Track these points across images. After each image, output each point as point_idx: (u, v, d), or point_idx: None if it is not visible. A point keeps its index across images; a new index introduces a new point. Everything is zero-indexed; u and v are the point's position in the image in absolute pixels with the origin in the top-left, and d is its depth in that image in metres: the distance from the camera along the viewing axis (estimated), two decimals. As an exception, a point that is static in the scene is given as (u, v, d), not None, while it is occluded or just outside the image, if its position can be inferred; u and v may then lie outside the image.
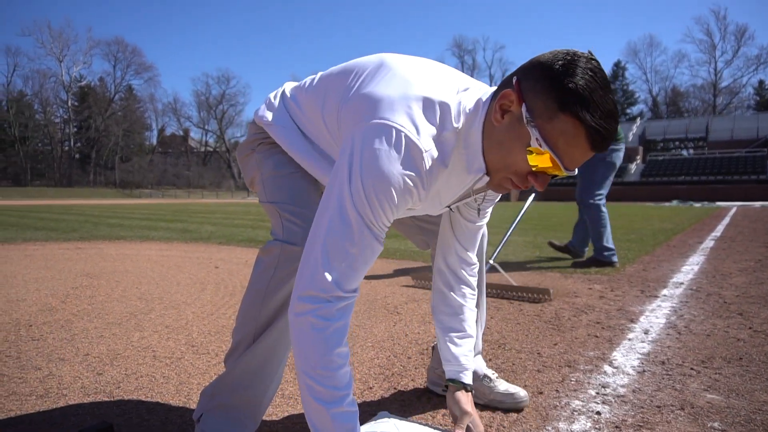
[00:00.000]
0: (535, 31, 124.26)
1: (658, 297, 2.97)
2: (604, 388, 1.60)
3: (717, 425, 1.33)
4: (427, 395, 1.57)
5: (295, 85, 1.23)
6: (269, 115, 1.19)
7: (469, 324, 1.29)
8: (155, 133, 75.52)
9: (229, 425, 1.15)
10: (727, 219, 10.95)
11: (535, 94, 0.87)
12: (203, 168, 72.52)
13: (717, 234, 7.21)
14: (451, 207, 1.19)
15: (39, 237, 6.69)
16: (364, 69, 1.05)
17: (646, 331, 2.25)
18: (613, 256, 4.15)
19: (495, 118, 0.92)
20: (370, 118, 0.93)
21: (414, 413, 1.43)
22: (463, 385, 1.25)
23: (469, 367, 1.27)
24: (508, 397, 1.45)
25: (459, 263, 1.29)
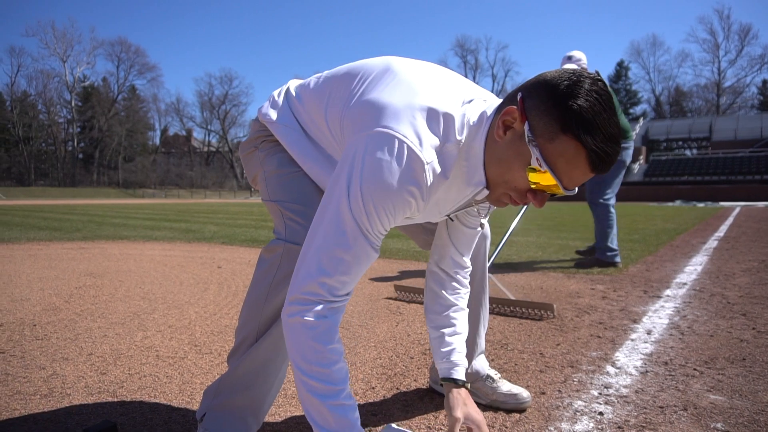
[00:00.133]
0: (538, 31, 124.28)
1: (661, 297, 2.97)
2: (607, 388, 1.60)
3: (720, 426, 1.33)
4: (429, 395, 1.57)
5: (299, 84, 1.22)
6: (273, 114, 1.18)
7: (461, 322, 1.28)
8: (158, 133, 75.88)
9: (232, 424, 1.16)
10: (731, 219, 10.91)
11: (538, 113, 0.87)
12: (206, 168, 72.68)
13: (720, 234, 7.19)
14: (450, 216, 1.19)
15: (43, 237, 6.72)
16: (370, 73, 1.04)
17: (649, 332, 2.24)
18: (616, 257, 4.14)
19: (498, 134, 0.92)
20: (373, 125, 0.92)
21: (416, 413, 1.44)
22: (455, 382, 1.23)
23: (460, 364, 1.25)
24: (511, 398, 1.45)
25: (452, 267, 1.28)
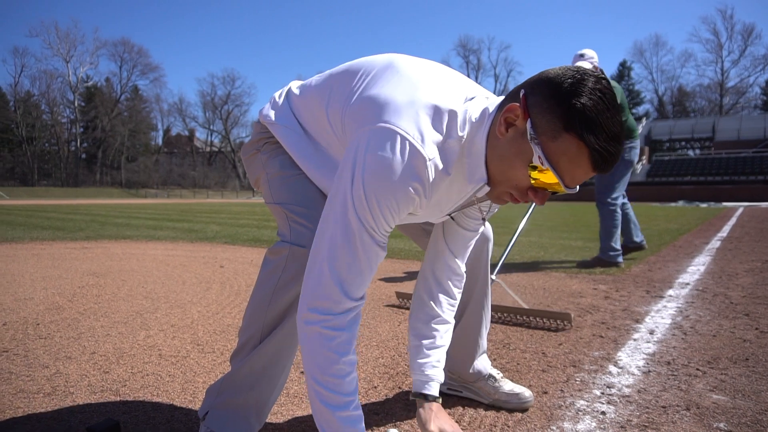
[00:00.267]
0: (540, 31, 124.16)
1: (663, 297, 2.96)
2: (609, 388, 1.60)
3: (723, 426, 1.33)
4: (431, 395, 1.57)
5: (301, 83, 1.22)
6: (273, 114, 1.18)
7: (442, 335, 1.25)
8: (161, 133, 76.07)
9: (235, 423, 1.16)
10: (734, 219, 10.88)
11: (541, 110, 0.86)
12: (208, 168, 72.76)
13: (723, 234, 7.17)
14: (452, 215, 1.18)
15: (46, 236, 6.74)
16: (372, 69, 1.04)
17: (652, 332, 2.24)
18: (619, 257, 4.14)
19: (500, 131, 0.91)
20: (375, 121, 0.92)
21: (418, 412, 1.44)
22: (425, 398, 1.20)
23: (434, 378, 1.22)
24: (513, 397, 1.45)
25: (445, 271, 1.25)
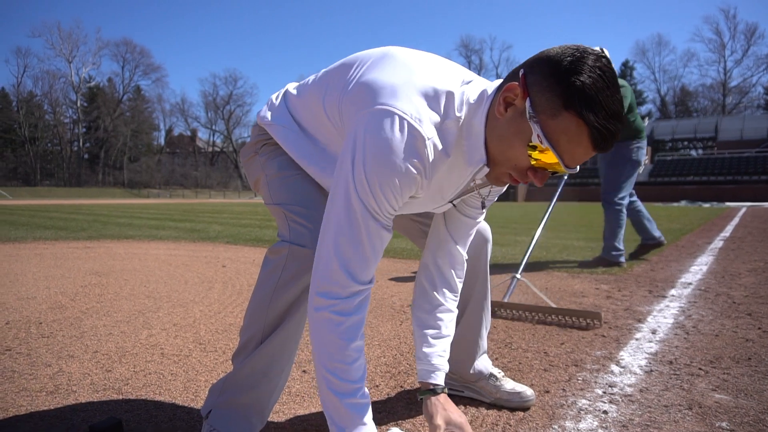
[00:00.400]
0: (542, 31, 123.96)
1: (666, 297, 2.95)
2: (612, 387, 1.60)
3: (725, 425, 1.32)
4: (433, 393, 1.57)
5: (297, 84, 1.23)
6: (270, 115, 1.19)
7: (447, 324, 1.25)
8: (163, 133, 76.24)
9: (237, 422, 1.16)
10: (737, 219, 10.85)
11: (541, 89, 0.86)
12: (210, 168, 72.89)
13: (726, 234, 7.15)
14: (453, 202, 1.18)
15: (49, 236, 6.75)
16: (368, 59, 1.04)
17: (654, 331, 2.24)
18: (621, 257, 4.13)
19: (498, 110, 0.91)
20: (372, 104, 0.92)
21: (420, 412, 1.43)
22: (433, 389, 1.19)
23: (441, 368, 1.21)
24: (515, 396, 1.45)
25: (447, 259, 1.25)
